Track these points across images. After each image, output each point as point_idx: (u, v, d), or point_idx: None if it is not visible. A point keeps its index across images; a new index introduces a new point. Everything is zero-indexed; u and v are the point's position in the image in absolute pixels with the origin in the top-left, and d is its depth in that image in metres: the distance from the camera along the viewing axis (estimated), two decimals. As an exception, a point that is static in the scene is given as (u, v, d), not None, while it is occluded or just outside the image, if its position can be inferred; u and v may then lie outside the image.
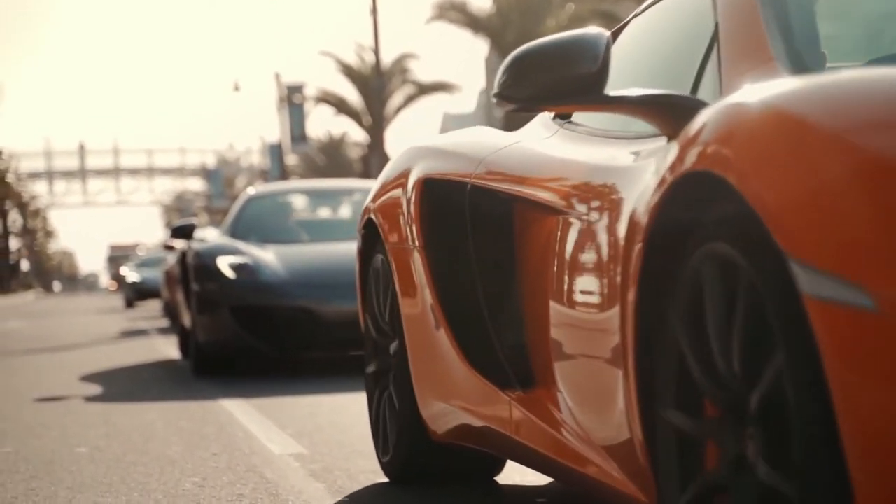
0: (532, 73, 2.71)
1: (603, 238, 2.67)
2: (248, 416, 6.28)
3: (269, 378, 8.68)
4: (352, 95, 47.95)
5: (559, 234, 2.97)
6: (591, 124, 3.33)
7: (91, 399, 7.65)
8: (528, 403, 3.14)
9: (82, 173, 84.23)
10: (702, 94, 2.81)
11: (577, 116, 3.47)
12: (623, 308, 2.43)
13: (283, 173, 52.16)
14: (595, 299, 2.69)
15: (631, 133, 3.01)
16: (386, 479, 4.22)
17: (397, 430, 3.96)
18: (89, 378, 9.32)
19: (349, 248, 8.79)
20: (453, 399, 3.55)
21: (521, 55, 2.76)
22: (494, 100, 2.76)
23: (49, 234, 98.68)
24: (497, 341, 3.34)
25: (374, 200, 4.13)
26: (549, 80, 2.68)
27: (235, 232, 9.97)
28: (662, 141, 2.66)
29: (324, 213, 11.06)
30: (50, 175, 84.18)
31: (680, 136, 2.22)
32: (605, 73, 2.65)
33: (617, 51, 3.16)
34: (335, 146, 64.54)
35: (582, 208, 2.88)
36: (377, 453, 4.21)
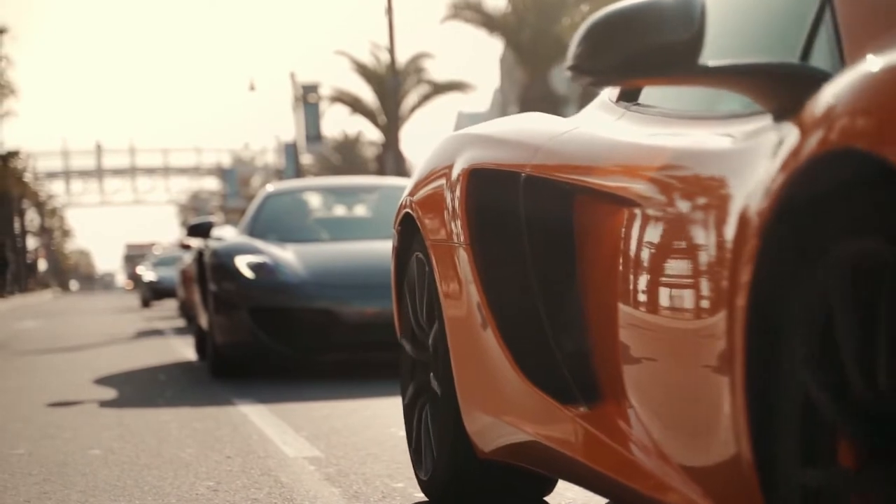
0: (614, 42, 2.33)
1: (697, 233, 2.29)
2: (262, 418, 6.24)
3: (283, 380, 8.63)
4: (367, 95, 47.95)
5: (633, 228, 2.58)
6: (666, 105, 2.93)
7: (105, 400, 7.61)
8: (593, 419, 2.76)
9: (99, 173, 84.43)
10: (815, 63, 2.38)
11: (648, 97, 3.06)
12: (730, 315, 2.06)
13: (299, 172, 52.20)
14: (685, 303, 2.31)
15: (719, 113, 2.62)
16: (402, 484, 4.16)
17: (439, 445, 3.57)
18: (104, 379, 9.29)
19: (371, 248, 8.76)
20: (504, 412, 3.16)
21: (602, 21, 2.37)
22: (569, 73, 2.42)
23: (66, 233, 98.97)
24: (556, 348, 2.95)
25: (412, 194, 3.75)
26: (634, 50, 2.32)
27: (254, 230, 9.69)
28: (765, 120, 2.28)
29: (344, 211, 10.76)
30: (67, 175, 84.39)
31: (803, 112, 1.89)
32: (700, 41, 2.29)
33: None
34: (350, 145, 64.54)
35: (664, 199, 2.48)
36: (415, 470, 3.85)
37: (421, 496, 3.94)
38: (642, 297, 2.52)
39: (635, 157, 2.70)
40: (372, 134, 55.24)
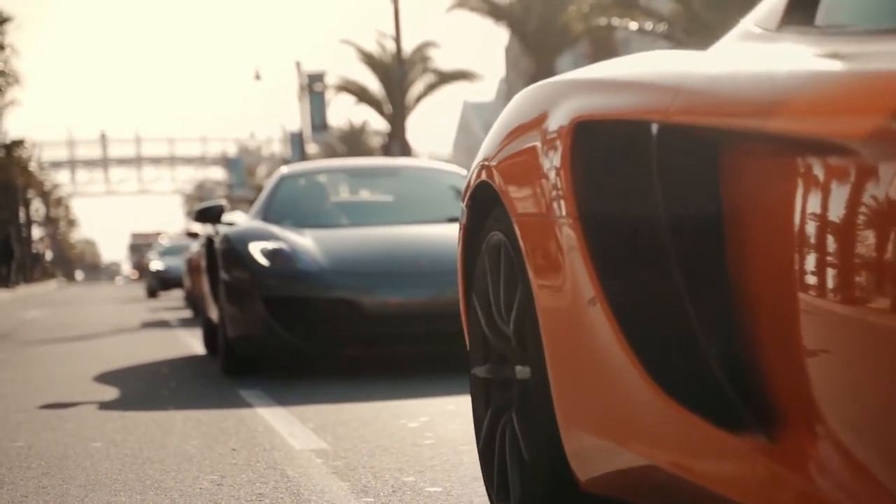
0: None
1: None
2: (268, 410, 6.10)
3: (289, 370, 8.49)
4: (372, 84, 47.83)
5: (832, 192, 1.85)
6: (864, 22, 2.20)
7: (109, 391, 7.49)
8: (764, 445, 2.00)
9: (104, 162, 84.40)
10: None
11: (831, 14, 2.31)
12: None
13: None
14: None
15: None
16: (412, 478, 4.03)
17: (523, 467, 2.80)
18: (108, 370, 9.16)
19: (394, 233, 8.27)
20: (621, 432, 2.41)
21: None
22: None
23: (71, 223, 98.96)
24: (706, 351, 2.17)
25: (490, 158, 2.96)
26: None
27: (268, 215, 8.94)
28: None
29: (365, 194, 9.93)
30: (72, 164, 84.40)
31: None
32: None
33: None
34: (356, 135, 64.39)
35: (883, 151, 1.74)
36: (489, 493, 3.08)
37: (434, 489, 3.81)
38: (840, 285, 1.82)
39: (840, 94, 1.91)
40: (377, 123, 55.12)
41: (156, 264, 32.35)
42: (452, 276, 7.54)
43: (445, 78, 46.82)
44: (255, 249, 7.94)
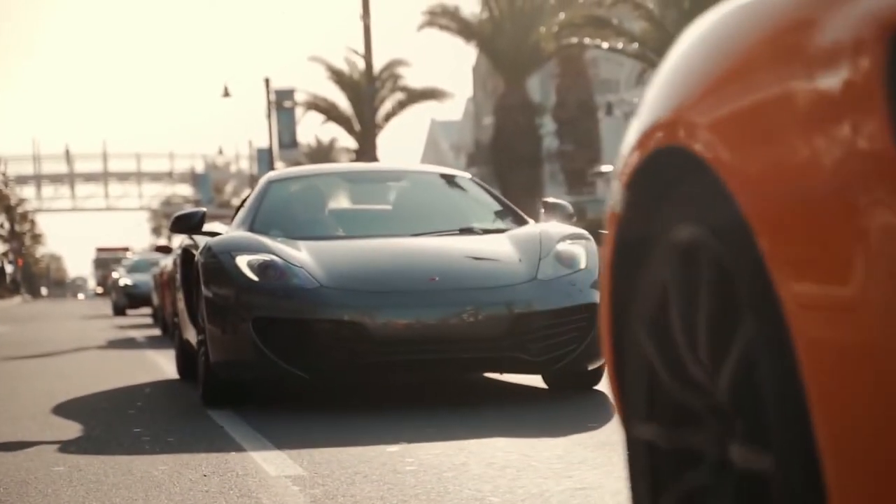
0: None
1: None
2: (239, 432, 5.85)
3: (259, 389, 8.23)
4: (342, 102, 47.60)
5: None
6: None
7: (73, 411, 7.22)
8: None
9: (71, 178, 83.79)
10: None
11: None
12: None
13: (273, 179, 51.73)
14: None
15: None
16: (395, 508, 3.81)
17: None
18: (73, 388, 8.88)
19: (402, 246, 7.27)
20: None
21: None
22: None
23: (36, 238, 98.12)
24: None
25: (687, 108, 1.76)
26: None
27: (254, 224, 7.81)
28: None
29: (364, 201, 8.85)
30: (38, 179, 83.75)
31: None
32: None
33: None
34: (324, 152, 64.15)
35: None
36: None
37: (418, 522, 3.59)
38: None
39: None
40: (346, 141, 54.89)
41: (123, 280, 30.40)
42: (469, 294, 6.82)
43: (415, 96, 46.67)
44: (243, 262, 6.87)
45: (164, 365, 10.96)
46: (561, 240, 7.14)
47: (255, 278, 6.77)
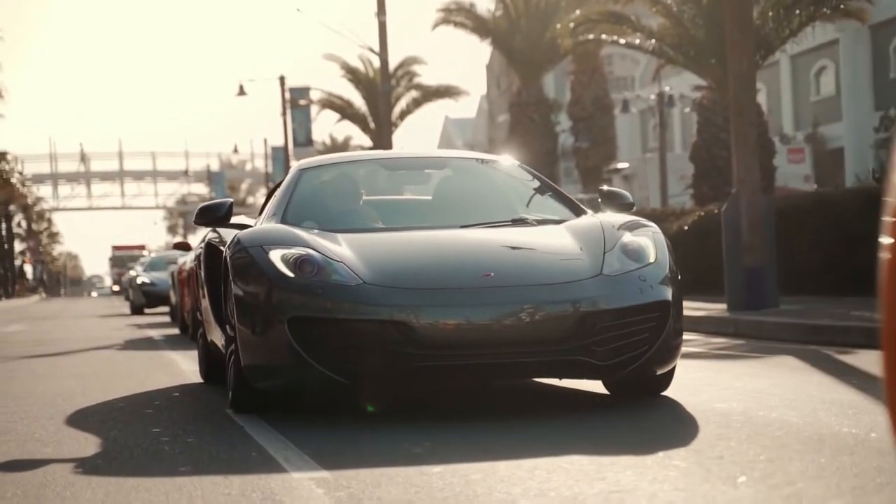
0: None
1: None
2: (261, 433, 5.74)
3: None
4: (357, 99, 47.54)
5: None
6: None
7: (91, 411, 7.12)
8: None
9: (87, 176, 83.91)
10: None
11: None
12: None
13: (288, 177, 51.69)
14: None
15: None
16: (424, 511, 3.69)
17: None
18: (90, 387, 8.80)
19: (451, 238, 6.64)
20: None
21: None
22: None
23: (53, 236, 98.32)
24: None
25: None
26: None
27: (285, 216, 7.23)
28: None
29: (401, 190, 8.35)
30: (54, 178, 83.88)
31: None
32: None
33: None
34: (339, 150, 64.09)
35: None
36: None
37: (448, 527, 3.47)
38: None
39: None
40: (361, 139, 54.77)
41: (141, 278, 29.70)
42: (527, 291, 6.15)
43: (430, 94, 46.58)
44: (277, 257, 6.23)
45: (183, 364, 10.87)
46: (626, 231, 6.51)
47: (291, 274, 6.12)
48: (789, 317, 11.98)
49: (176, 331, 18.37)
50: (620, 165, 46.27)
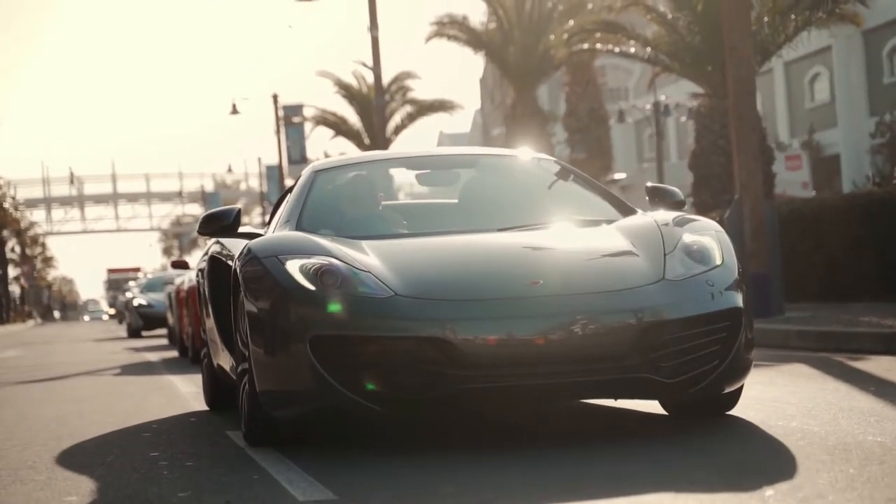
0: None
1: None
2: (261, 454, 5.51)
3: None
4: (351, 116, 47.44)
5: None
6: None
7: (86, 436, 6.91)
8: None
9: (80, 200, 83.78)
10: None
11: None
12: None
13: (283, 195, 51.57)
14: None
15: None
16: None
17: None
18: (85, 411, 8.59)
19: (490, 243, 5.91)
20: None
21: None
22: None
23: (48, 261, 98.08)
24: None
25: None
26: None
27: (300, 222, 6.45)
28: None
29: (426, 192, 7.73)
30: (48, 202, 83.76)
31: None
32: None
33: None
34: (335, 167, 63.92)
35: None
36: None
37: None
38: None
39: None
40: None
41: (138, 300, 28.93)
42: (581, 300, 5.41)
43: (424, 108, 46.48)
44: (295, 268, 5.49)
45: (182, 387, 10.64)
46: (686, 230, 5.77)
47: (312, 287, 5.35)
48: (796, 324, 11.80)
49: (174, 353, 18.02)
50: (618, 176, 46.18)
